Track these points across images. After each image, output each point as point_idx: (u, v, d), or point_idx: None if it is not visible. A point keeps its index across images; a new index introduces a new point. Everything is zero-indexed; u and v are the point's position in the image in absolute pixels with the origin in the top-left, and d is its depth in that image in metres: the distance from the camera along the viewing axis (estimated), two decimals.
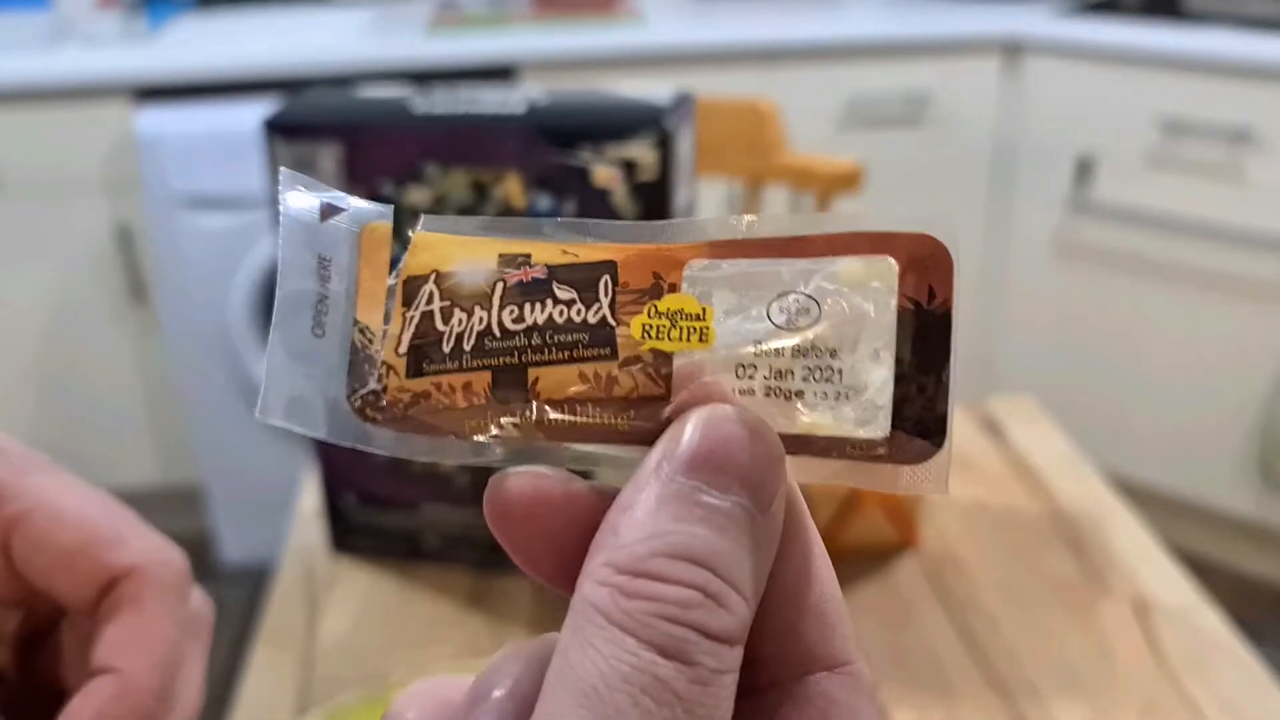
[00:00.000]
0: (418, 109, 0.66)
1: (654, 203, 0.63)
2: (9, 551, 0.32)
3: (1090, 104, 1.87)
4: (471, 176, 0.65)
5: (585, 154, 0.63)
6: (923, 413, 0.21)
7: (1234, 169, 1.76)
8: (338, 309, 0.22)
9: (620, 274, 0.22)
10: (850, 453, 0.21)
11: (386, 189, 0.65)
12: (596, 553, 0.20)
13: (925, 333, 0.21)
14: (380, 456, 0.23)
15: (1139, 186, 1.84)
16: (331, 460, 0.74)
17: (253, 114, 0.78)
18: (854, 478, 0.21)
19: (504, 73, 1.87)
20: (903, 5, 2.09)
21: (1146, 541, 0.78)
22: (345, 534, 0.77)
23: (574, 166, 0.63)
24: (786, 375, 0.21)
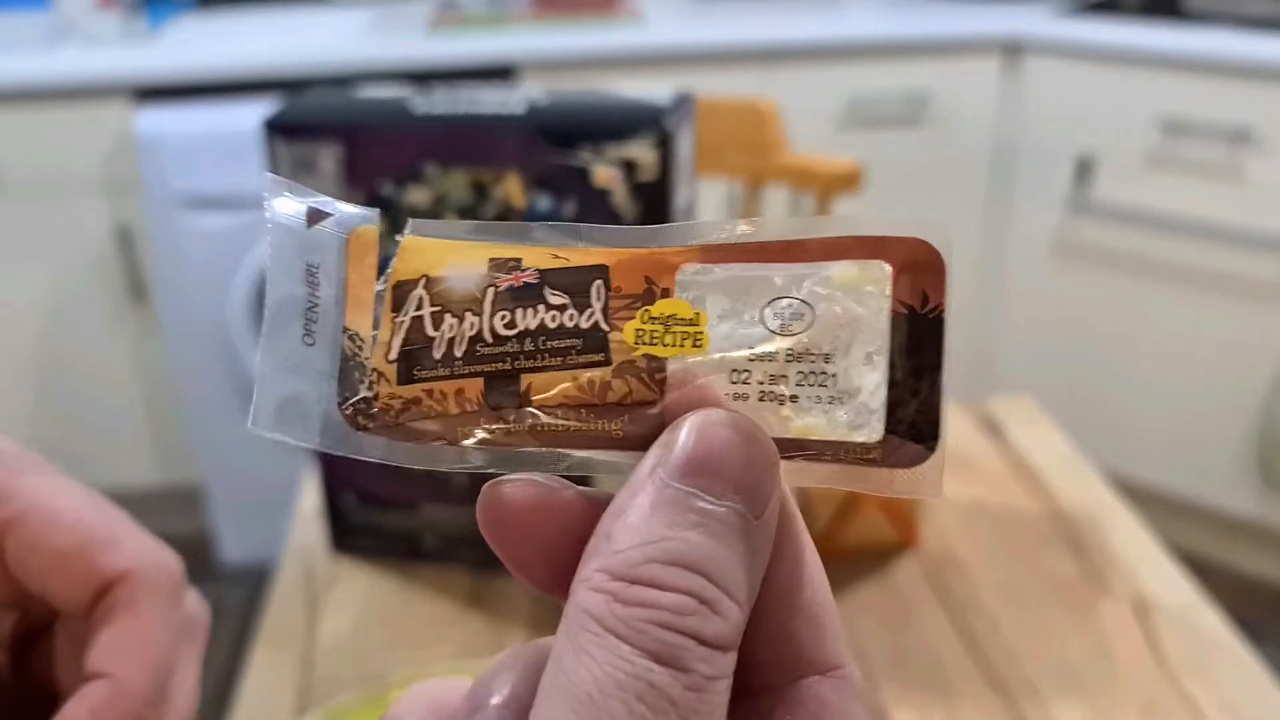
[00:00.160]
0: (418, 109, 0.66)
1: (654, 203, 0.63)
2: (3, 554, 0.32)
3: (1090, 104, 1.87)
4: (471, 176, 0.64)
5: (585, 154, 0.62)
6: (916, 416, 0.21)
7: (1234, 169, 1.76)
8: (327, 316, 0.22)
9: (612, 278, 0.22)
10: (844, 456, 0.21)
11: (386, 189, 0.65)
12: (590, 559, 0.20)
13: (918, 337, 0.21)
14: None
15: (1139, 186, 1.84)
16: (331, 460, 0.74)
17: (253, 114, 0.78)
18: (847, 481, 0.22)
19: (504, 73, 1.87)
20: (903, 5, 2.09)
21: (1146, 541, 0.78)
22: (345, 534, 0.77)
23: (574, 166, 0.63)
24: (780, 380, 0.21)
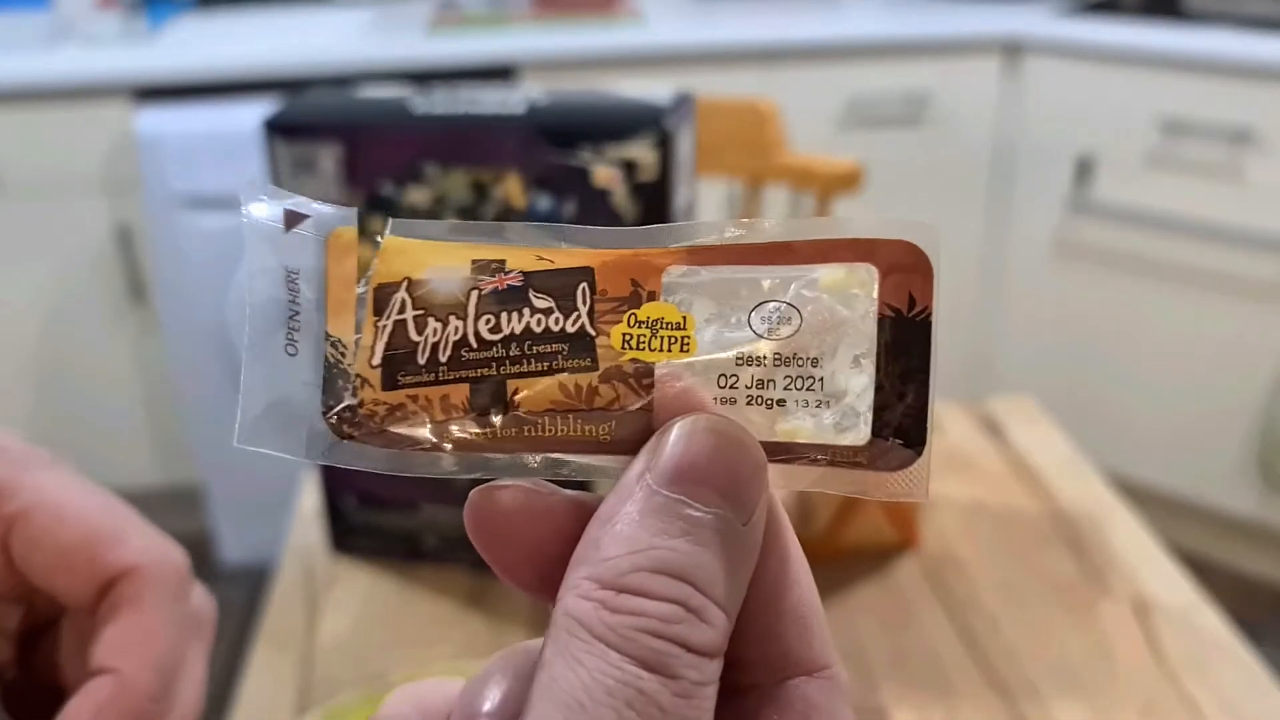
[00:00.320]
0: (417, 109, 0.66)
1: (654, 203, 0.63)
2: (9, 549, 0.32)
3: (1090, 104, 1.87)
4: (471, 176, 0.64)
5: (585, 154, 0.62)
6: (903, 419, 0.21)
7: (1234, 169, 1.76)
8: (309, 324, 0.22)
9: (598, 281, 0.22)
10: (831, 459, 0.21)
11: (386, 189, 0.65)
12: (578, 565, 0.20)
13: (905, 340, 0.21)
14: None
15: (1139, 186, 1.84)
16: None
17: (253, 114, 0.78)
18: (835, 484, 0.21)
19: (504, 73, 1.87)
20: (903, 5, 2.09)
21: (1146, 541, 0.78)
22: (345, 534, 0.77)
23: (574, 167, 0.63)
24: (768, 384, 0.21)
